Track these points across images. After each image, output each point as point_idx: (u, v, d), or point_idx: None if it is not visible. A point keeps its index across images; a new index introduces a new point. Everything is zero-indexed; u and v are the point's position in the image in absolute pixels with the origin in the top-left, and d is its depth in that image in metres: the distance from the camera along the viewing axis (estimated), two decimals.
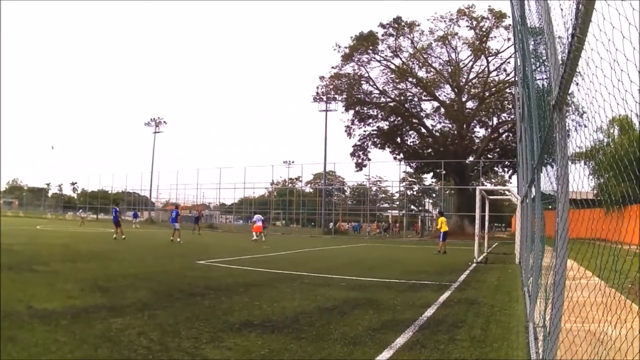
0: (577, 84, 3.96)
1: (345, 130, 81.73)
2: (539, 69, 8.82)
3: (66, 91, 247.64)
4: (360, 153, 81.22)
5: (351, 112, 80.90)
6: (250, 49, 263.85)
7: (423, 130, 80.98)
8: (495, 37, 71.69)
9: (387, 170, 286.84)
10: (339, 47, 78.17)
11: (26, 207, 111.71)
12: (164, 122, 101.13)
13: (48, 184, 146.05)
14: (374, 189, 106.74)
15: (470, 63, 76.57)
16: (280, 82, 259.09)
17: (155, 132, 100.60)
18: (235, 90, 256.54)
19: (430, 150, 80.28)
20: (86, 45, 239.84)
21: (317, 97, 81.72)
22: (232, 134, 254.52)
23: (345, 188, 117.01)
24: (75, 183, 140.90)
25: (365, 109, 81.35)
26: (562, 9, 4.14)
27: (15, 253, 20.25)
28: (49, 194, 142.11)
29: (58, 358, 6.27)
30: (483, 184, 70.11)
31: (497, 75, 73.96)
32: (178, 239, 34.80)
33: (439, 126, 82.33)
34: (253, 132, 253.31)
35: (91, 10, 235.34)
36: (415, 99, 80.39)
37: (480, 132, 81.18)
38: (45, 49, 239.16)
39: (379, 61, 78.15)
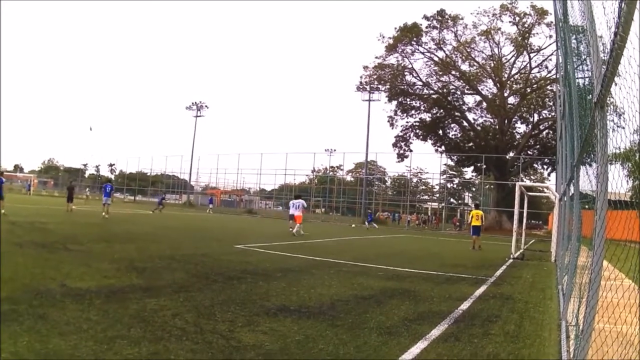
0: (616, 84, 3.96)
1: (388, 121, 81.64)
2: (580, 68, 8.77)
3: (107, 72, 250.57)
4: (402, 144, 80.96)
5: (394, 102, 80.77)
6: (295, 36, 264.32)
7: (465, 123, 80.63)
8: (537, 33, 71.32)
9: (428, 162, 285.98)
10: (383, 37, 78.06)
11: (62, 187, 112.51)
12: (206, 106, 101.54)
13: (85, 165, 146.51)
14: (414, 180, 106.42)
15: (513, 59, 76.19)
16: (324, 70, 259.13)
17: (196, 116, 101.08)
18: (278, 77, 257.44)
19: (471, 143, 79.83)
20: (129, 27, 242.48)
21: (361, 87, 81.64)
22: (274, 121, 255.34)
23: (386, 178, 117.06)
24: (113, 164, 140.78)
25: (408, 100, 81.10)
26: (604, 7, 4.14)
27: (49, 232, 20.48)
28: (86, 175, 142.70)
29: (89, 336, 6.29)
30: (522, 180, 69.62)
31: (538, 72, 73.54)
32: (105, 214, 34.57)
33: (480, 120, 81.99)
34: (295, 119, 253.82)
35: None
36: (458, 92, 79.99)
37: (521, 128, 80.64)
38: (87, 29, 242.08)
39: (423, 53, 77.97)
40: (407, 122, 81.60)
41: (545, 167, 79.33)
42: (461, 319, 9.37)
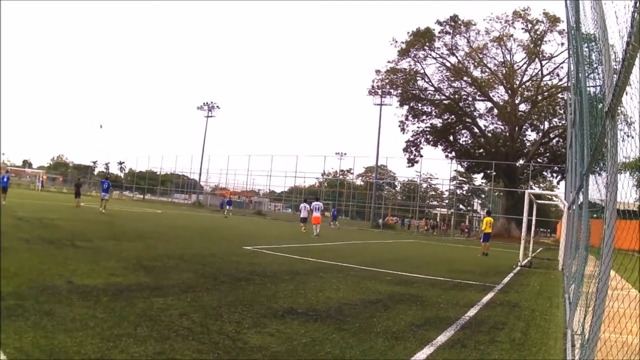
0: (626, 93, 3.95)
1: (399, 126, 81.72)
2: (591, 76, 8.75)
3: (119, 71, 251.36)
4: (413, 149, 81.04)
5: (405, 107, 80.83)
6: (308, 38, 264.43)
7: (476, 130, 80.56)
8: (549, 41, 71.35)
9: (438, 167, 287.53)
10: (396, 41, 78.04)
11: (70, 184, 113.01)
12: (217, 106, 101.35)
13: (94, 162, 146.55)
14: (424, 185, 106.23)
15: (525, 66, 76.13)
16: (336, 74, 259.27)
17: (207, 116, 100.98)
18: (290, 79, 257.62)
19: (481, 150, 79.86)
20: (142, 25, 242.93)
21: (373, 91, 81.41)
22: (285, 123, 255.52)
23: (396, 183, 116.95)
24: (123, 162, 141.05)
25: (419, 105, 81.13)
26: (617, 17, 4.13)
27: (57, 228, 20.55)
28: (95, 172, 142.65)
29: (95, 334, 6.30)
30: (532, 188, 69.48)
31: (550, 80, 73.53)
32: (102, 209, 35.69)
33: (491, 127, 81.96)
34: (307, 121, 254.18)
35: None
36: (469, 98, 79.85)
37: (531, 135, 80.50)
38: (101, 27, 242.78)
39: (435, 58, 78.01)
40: (418, 127, 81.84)
41: (554, 175, 79.47)
42: (468, 326, 9.35)
